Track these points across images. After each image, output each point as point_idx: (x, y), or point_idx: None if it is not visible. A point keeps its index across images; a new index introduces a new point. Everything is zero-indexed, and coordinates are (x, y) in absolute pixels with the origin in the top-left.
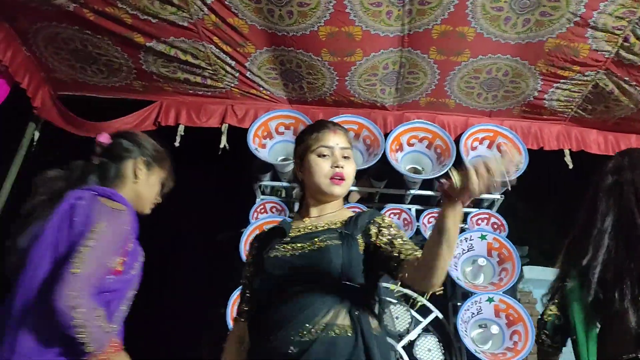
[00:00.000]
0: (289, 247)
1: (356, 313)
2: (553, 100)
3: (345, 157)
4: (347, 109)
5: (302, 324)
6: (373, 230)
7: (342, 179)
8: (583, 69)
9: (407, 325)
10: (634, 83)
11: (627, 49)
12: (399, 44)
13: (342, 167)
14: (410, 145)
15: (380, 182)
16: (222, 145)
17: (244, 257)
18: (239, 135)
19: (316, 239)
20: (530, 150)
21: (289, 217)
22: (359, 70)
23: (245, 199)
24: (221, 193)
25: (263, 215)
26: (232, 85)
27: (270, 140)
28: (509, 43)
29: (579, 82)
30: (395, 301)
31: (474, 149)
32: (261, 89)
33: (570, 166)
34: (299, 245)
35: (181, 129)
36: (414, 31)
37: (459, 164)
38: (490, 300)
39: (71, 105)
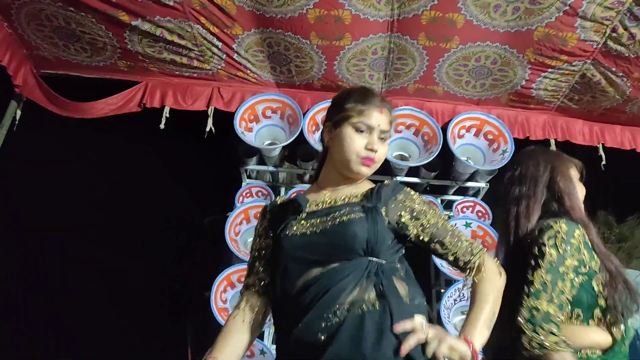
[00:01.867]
0: (307, 223)
1: (381, 287)
2: (540, 90)
3: (381, 139)
4: (336, 94)
5: (327, 307)
6: (405, 216)
7: (372, 162)
8: (571, 58)
9: None
10: (621, 74)
11: (615, 39)
12: (388, 29)
13: (376, 151)
14: (397, 132)
15: None
16: (208, 129)
17: (229, 241)
18: (225, 117)
19: (336, 213)
20: (516, 140)
21: (304, 189)
22: (348, 55)
23: (231, 182)
24: (207, 176)
25: (249, 199)
26: (219, 67)
27: (257, 124)
28: (498, 31)
29: (567, 72)
30: None
31: (461, 137)
32: (248, 71)
33: None
34: (317, 221)
35: (166, 110)
36: (404, 16)
37: (446, 151)
38: None
39: (54, 84)
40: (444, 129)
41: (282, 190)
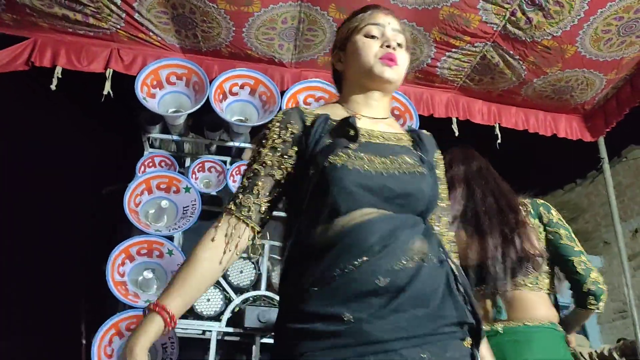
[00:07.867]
0: (365, 158)
1: (441, 252)
2: (444, 69)
3: (399, 44)
4: (244, 62)
5: (399, 250)
6: (440, 174)
7: (394, 61)
8: (473, 39)
9: None
10: (518, 57)
11: (514, 23)
12: None
13: (394, 48)
14: (307, 104)
15: None
16: (105, 92)
17: (128, 212)
18: (126, 82)
19: (398, 158)
20: (421, 117)
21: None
22: (257, 22)
23: (133, 151)
24: (106, 144)
25: (151, 169)
26: (118, 27)
27: (161, 90)
28: (407, 8)
29: (469, 53)
30: None
31: None
32: (151, 33)
33: (457, 134)
34: (379, 160)
35: (58, 71)
36: None
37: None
38: None
39: None
40: None
41: (187, 160)
